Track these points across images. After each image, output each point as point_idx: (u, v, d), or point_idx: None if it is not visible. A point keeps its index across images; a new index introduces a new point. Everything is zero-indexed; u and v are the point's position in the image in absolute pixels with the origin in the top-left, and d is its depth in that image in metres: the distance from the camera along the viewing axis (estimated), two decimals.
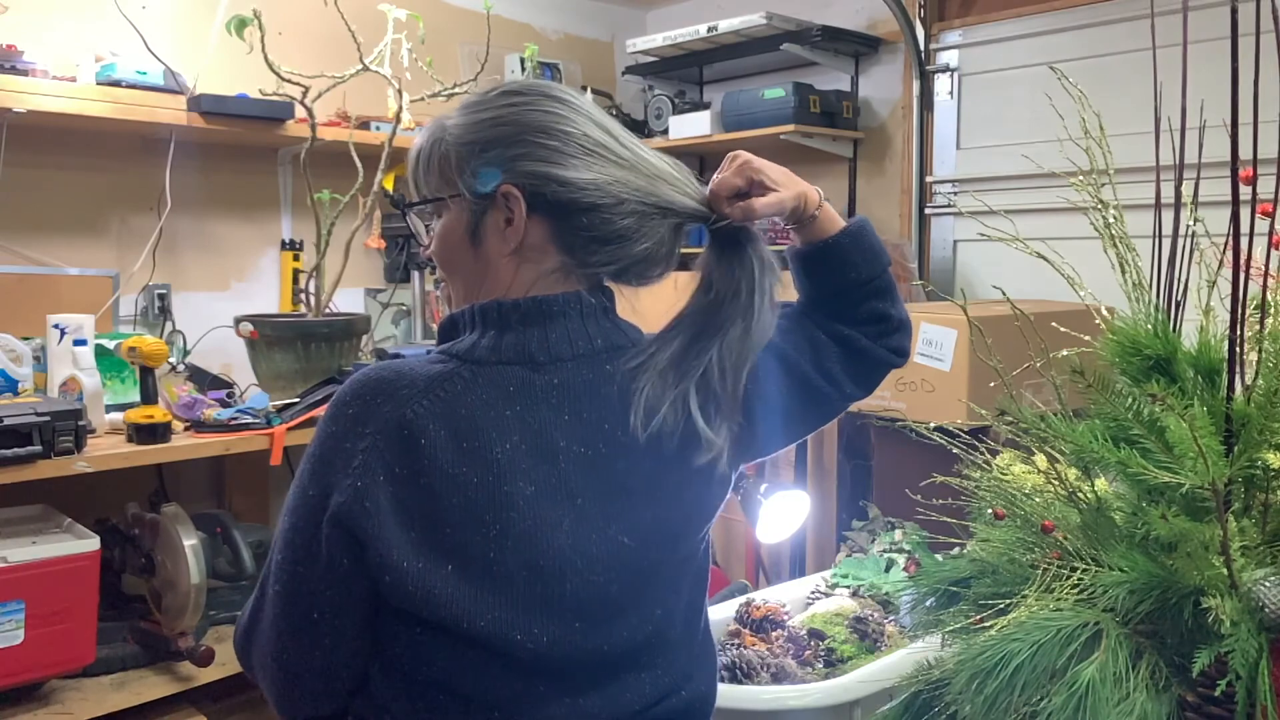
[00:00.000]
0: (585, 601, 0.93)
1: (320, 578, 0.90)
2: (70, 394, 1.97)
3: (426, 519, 0.88)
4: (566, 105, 0.98)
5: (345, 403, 0.91)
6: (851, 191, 3.25)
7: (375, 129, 2.67)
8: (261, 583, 0.96)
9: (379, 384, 0.91)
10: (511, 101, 0.97)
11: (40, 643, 1.80)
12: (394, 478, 0.87)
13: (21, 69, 2.16)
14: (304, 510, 0.91)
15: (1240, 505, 0.97)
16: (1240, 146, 0.95)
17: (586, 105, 1.00)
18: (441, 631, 0.90)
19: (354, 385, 0.92)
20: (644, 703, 0.98)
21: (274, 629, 0.94)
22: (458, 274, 1.01)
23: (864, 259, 1.06)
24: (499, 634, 0.89)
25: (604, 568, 0.93)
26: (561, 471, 0.91)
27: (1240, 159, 0.95)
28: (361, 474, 0.87)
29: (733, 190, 0.99)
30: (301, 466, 0.93)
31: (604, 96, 3.51)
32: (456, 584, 0.88)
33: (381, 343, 2.89)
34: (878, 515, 2.23)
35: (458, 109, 1.01)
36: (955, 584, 1.07)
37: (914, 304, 2.71)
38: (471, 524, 0.88)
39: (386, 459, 0.87)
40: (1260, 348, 0.99)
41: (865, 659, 1.68)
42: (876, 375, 1.12)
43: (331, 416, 0.91)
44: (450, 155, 0.97)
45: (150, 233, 2.56)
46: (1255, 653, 0.84)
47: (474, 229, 0.97)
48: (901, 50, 3.09)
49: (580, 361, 0.95)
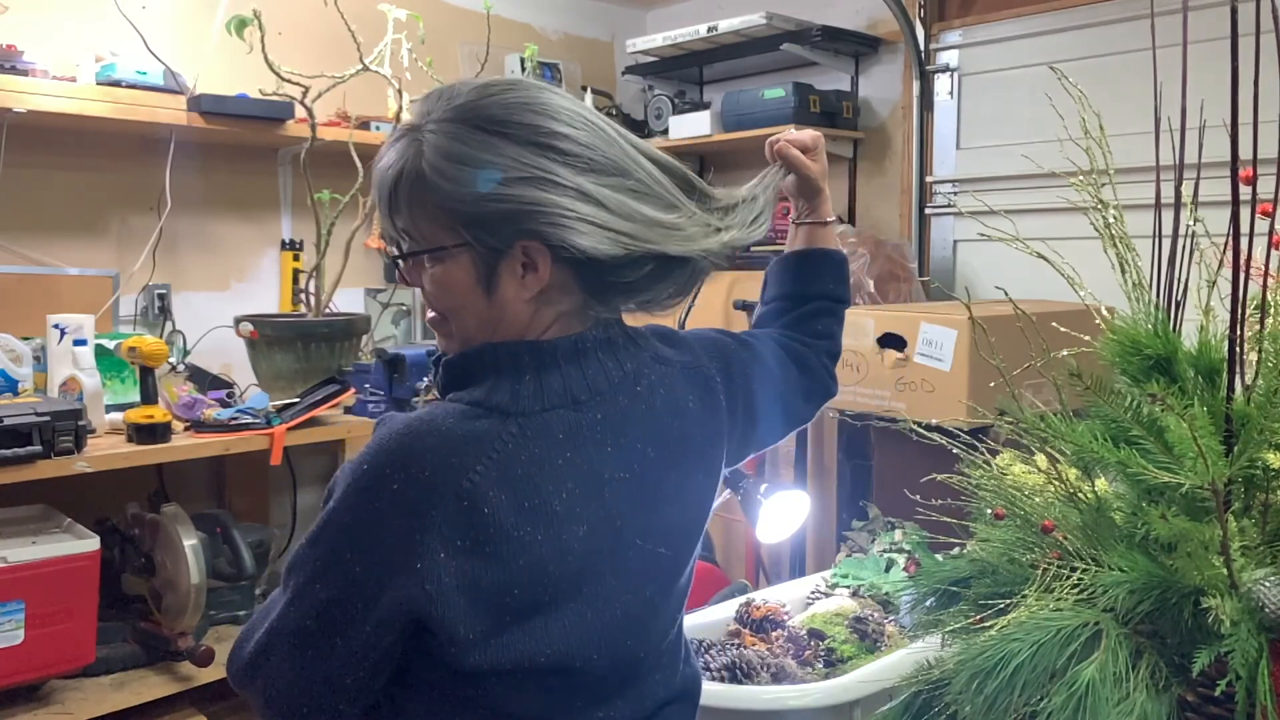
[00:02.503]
0: (633, 618, 0.93)
1: (354, 652, 0.84)
2: (70, 394, 1.97)
3: (493, 586, 0.83)
4: (566, 139, 0.88)
5: (384, 475, 0.82)
6: (851, 191, 3.25)
7: (375, 129, 2.67)
8: (274, 628, 0.87)
9: (422, 452, 0.83)
10: (505, 132, 0.86)
11: (40, 643, 1.80)
12: (455, 551, 0.82)
13: (21, 69, 2.16)
14: (345, 584, 0.83)
15: (1240, 505, 0.97)
16: (1240, 146, 0.94)
17: (584, 122, 0.90)
18: (494, 674, 0.87)
19: (391, 454, 0.83)
20: (657, 702, 0.99)
21: (287, 685, 0.87)
22: (465, 317, 0.91)
23: (843, 281, 1.23)
24: (557, 666, 0.88)
25: (646, 580, 0.94)
26: (606, 503, 0.90)
27: (1240, 159, 0.95)
28: (421, 557, 0.81)
29: (799, 144, 1.14)
30: (331, 530, 0.84)
31: (604, 96, 3.51)
32: (519, 635, 0.86)
33: (381, 343, 2.89)
34: (878, 515, 2.23)
35: (431, 114, 0.89)
36: (955, 584, 1.07)
37: (914, 304, 2.71)
38: (535, 581, 0.85)
39: (445, 534, 0.81)
40: (1260, 348, 0.99)
41: (865, 659, 1.68)
42: (816, 401, 1.21)
43: (369, 489, 0.83)
44: (444, 198, 0.86)
45: (150, 233, 2.56)
46: (1255, 653, 0.84)
47: (488, 278, 0.88)
48: (901, 50, 3.09)
49: (616, 389, 0.93)
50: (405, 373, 2.26)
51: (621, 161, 0.90)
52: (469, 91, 0.90)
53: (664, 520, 0.96)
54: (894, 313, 2.29)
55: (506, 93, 0.89)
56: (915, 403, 2.15)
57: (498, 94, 0.89)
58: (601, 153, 0.89)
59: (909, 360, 2.15)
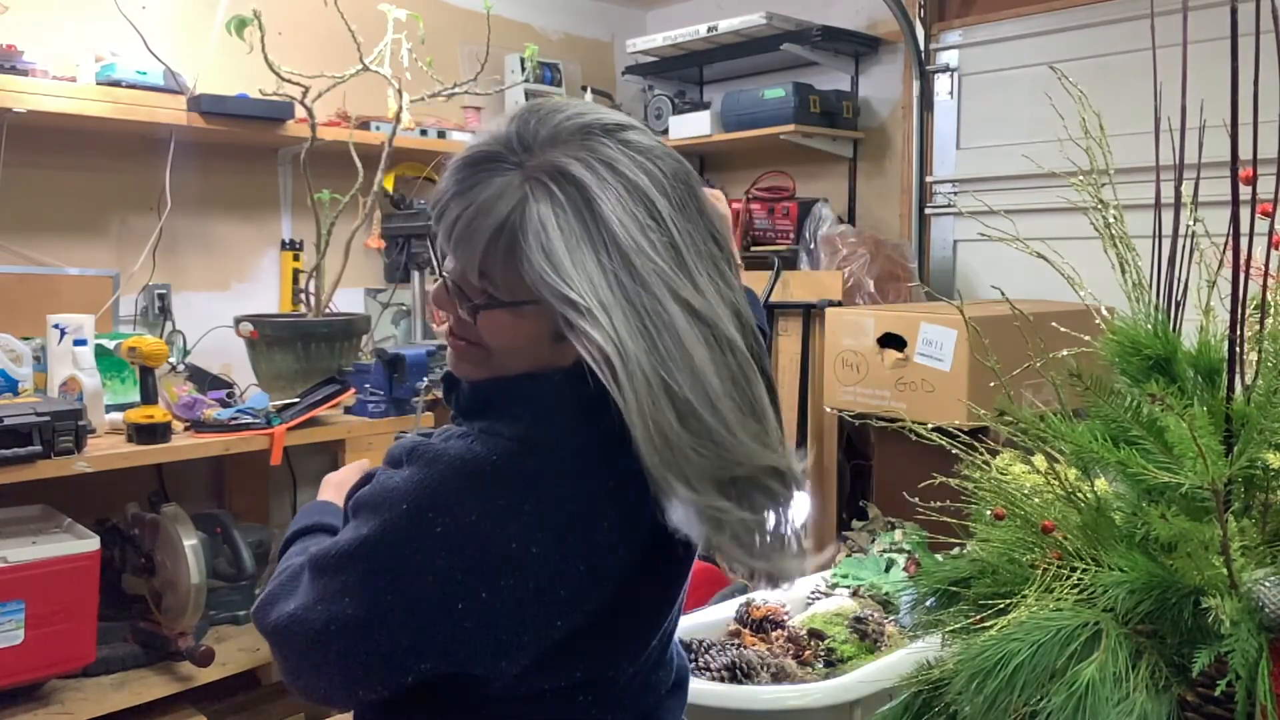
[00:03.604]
0: (666, 622, 0.95)
1: (371, 668, 0.83)
2: (70, 394, 1.97)
3: (536, 625, 0.82)
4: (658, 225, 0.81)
5: (427, 517, 0.80)
6: (851, 191, 3.25)
7: (375, 129, 2.67)
8: (295, 615, 0.86)
9: (466, 492, 0.80)
10: (607, 246, 0.79)
11: (40, 643, 1.80)
12: (498, 590, 0.80)
13: (21, 69, 2.16)
14: (387, 618, 0.81)
15: (1240, 505, 0.97)
16: (1240, 146, 0.94)
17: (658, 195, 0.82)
18: (522, 698, 0.88)
19: (433, 493, 0.80)
20: (666, 687, 1.00)
21: (302, 667, 0.87)
22: (517, 359, 0.86)
23: (762, 313, 1.26)
24: (589, 680, 0.89)
25: (671, 581, 0.95)
26: (635, 517, 0.87)
27: (1240, 159, 0.95)
28: (467, 616, 0.79)
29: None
30: (369, 548, 0.81)
31: (604, 96, 3.51)
32: (558, 659, 0.86)
33: (381, 343, 2.89)
34: (878, 515, 2.23)
35: (544, 153, 0.81)
36: (955, 584, 1.07)
37: (914, 304, 2.71)
38: (574, 608, 0.84)
39: (487, 578, 0.80)
40: (1260, 348, 0.99)
41: (865, 659, 1.68)
42: None
43: (411, 529, 0.80)
44: (534, 273, 0.79)
45: (150, 233, 2.56)
46: (1255, 653, 0.84)
47: (559, 336, 0.82)
48: (901, 50, 3.09)
49: None
50: (405, 373, 2.26)
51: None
52: (590, 149, 0.81)
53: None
54: (894, 313, 2.29)
55: (628, 196, 0.80)
56: (915, 403, 2.15)
57: (619, 188, 0.80)
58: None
59: (909, 360, 2.15)
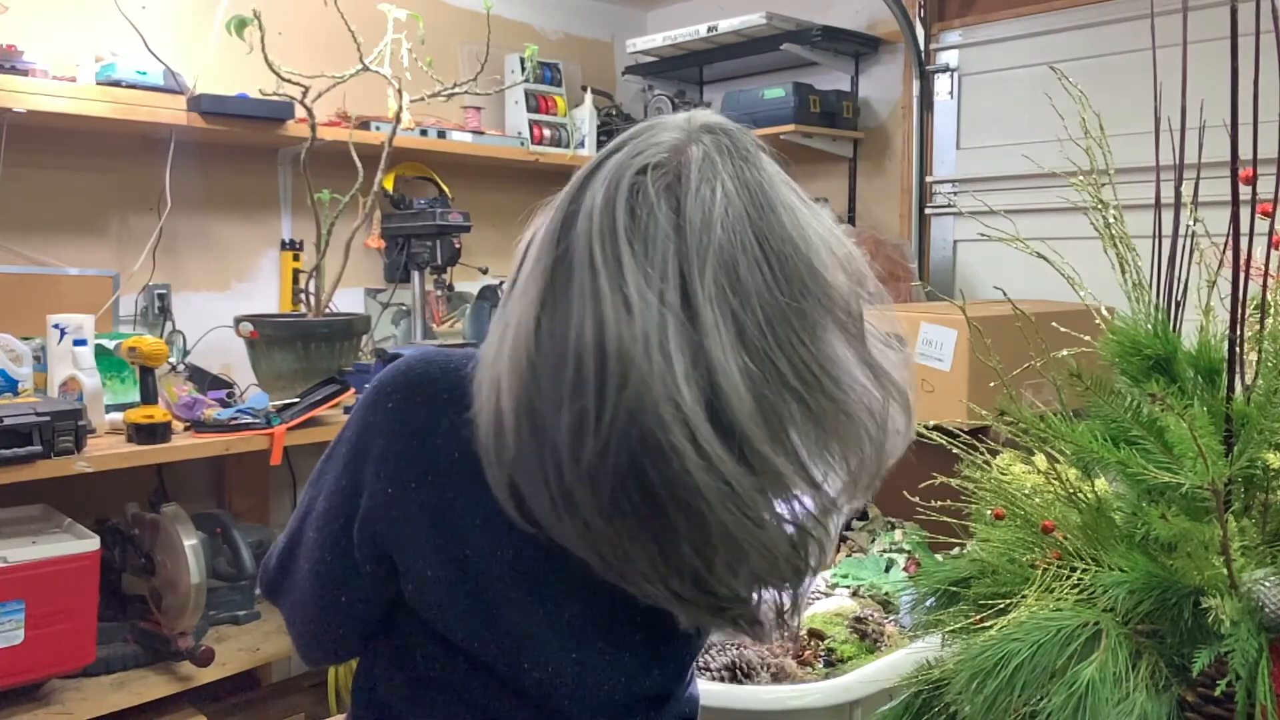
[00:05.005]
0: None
1: (347, 568, 0.90)
2: (70, 394, 1.97)
3: (453, 532, 0.85)
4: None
5: (387, 393, 0.88)
6: (851, 191, 3.25)
7: (375, 129, 2.67)
8: (298, 528, 0.94)
9: (422, 383, 0.87)
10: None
11: (40, 643, 1.80)
12: (425, 484, 0.85)
13: (21, 69, 2.16)
14: (337, 497, 0.89)
15: (1240, 505, 0.97)
16: (1240, 146, 0.94)
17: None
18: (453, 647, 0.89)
19: (400, 377, 0.88)
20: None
21: (304, 597, 0.93)
22: None
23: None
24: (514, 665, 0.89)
25: None
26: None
27: (1240, 159, 0.95)
28: (392, 480, 0.85)
29: None
30: (339, 442, 0.91)
31: (604, 96, 3.51)
32: (470, 603, 0.86)
33: (381, 343, 2.89)
34: (878, 515, 2.23)
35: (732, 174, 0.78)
36: (955, 584, 1.07)
37: (914, 304, 2.71)
38: (489, 546, 0.85)
39: (419, 466, 0.85)
40: (1260, 348, 0.99)
41: (865, 659, 1.68)
42: None
43: (371, 403, 0.88)
44: None
45: (150, 233, 2.56)
46: (1255, 653, 0.84)
47: None
48: (901, 50, 3.09)
49: None
50: None
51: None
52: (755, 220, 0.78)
53: None
54: (894, 312, 2.28)
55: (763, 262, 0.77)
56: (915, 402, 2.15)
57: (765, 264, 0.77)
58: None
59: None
